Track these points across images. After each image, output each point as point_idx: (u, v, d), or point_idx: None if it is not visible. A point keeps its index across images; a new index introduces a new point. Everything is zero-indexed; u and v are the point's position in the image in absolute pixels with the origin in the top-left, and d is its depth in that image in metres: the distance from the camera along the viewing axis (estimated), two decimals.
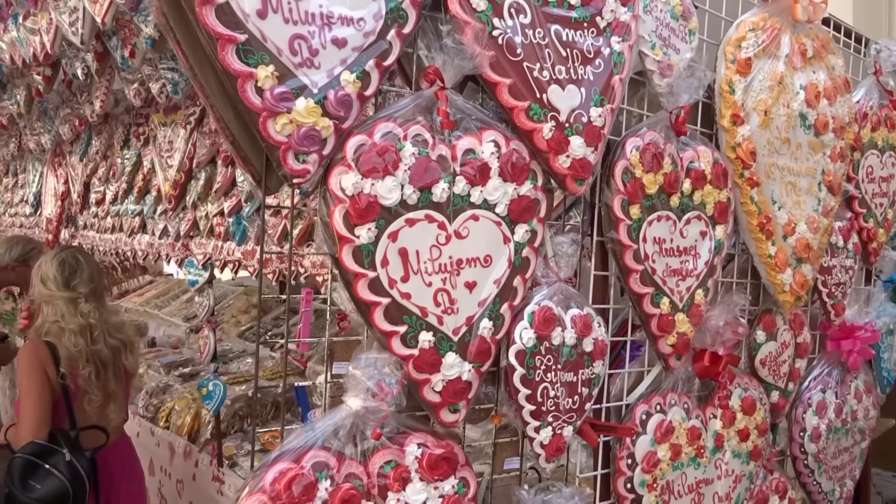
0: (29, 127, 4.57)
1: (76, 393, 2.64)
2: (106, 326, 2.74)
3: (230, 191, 3.15)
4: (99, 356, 2.67)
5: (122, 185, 4.06)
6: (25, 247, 4.06)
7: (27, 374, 2.55)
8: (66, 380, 2.59)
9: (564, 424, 1.79)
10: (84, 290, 2.69)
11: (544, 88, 1.70)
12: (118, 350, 2.78)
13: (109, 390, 2.71)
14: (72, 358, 2.60)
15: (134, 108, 3.89)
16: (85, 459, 2.51)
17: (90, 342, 2.64)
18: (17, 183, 6.24)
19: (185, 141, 3.41)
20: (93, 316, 2.67)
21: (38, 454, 2.44)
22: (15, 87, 3.60)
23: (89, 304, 2.68)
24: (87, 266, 2.77)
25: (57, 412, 2.59)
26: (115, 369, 2.75)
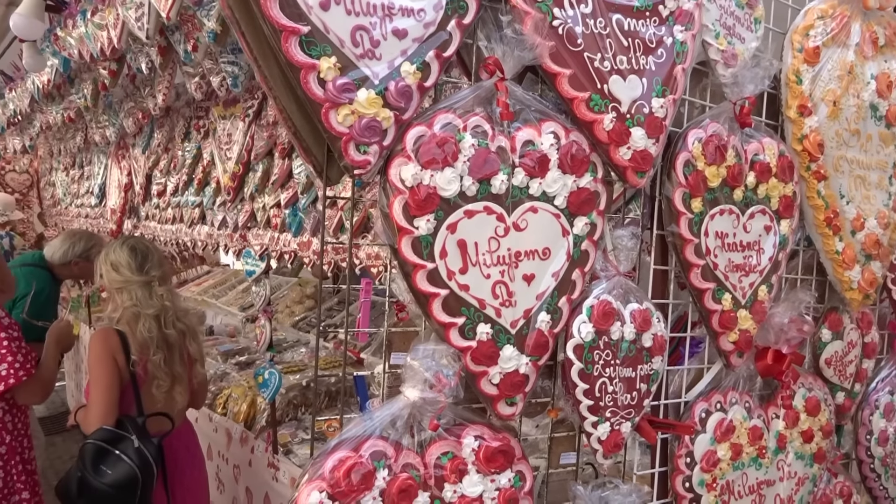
0: (95, 120, 4.72)
1: (144, 379, 2.68)
2: (175, 310, 2.79)
3: (287, 183, 3.20)
4: (167, 341, 2.71)
5: (183, 177, 4.16)
6: (87, 242, 4.20)
7: (98, 362, 2.60)
8: (136, 367, 2.64)
9: (622, 420, 1.76)
10: (157, 274, 2.74)
11: (605, 79, 1.67)
12: (183, 335, 2.82)
13: (175, 374, 2.75)
14: (143, 344, 2.65)
15: (195, 101, 3.98)
16: (152, 446, 2.55)
17: (163, 325, 2.69)
18: (83, 175, 6.45)
19: (243, 133, 3.47)
20: (167, 298, 2.73)
21: (108, 440, 2.49)
22: (82, 81, 3.71)
23: (162, 288, 2.74)
24: (155, 251, 2.82)
25: (124, 399, 2.64)
26: (181, 353, 2.80)
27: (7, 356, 2.67)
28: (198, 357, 3.01)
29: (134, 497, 2.47)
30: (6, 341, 2.66)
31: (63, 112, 4.23)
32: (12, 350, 2.67)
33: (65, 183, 7.23)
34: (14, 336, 2.72)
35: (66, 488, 2.45)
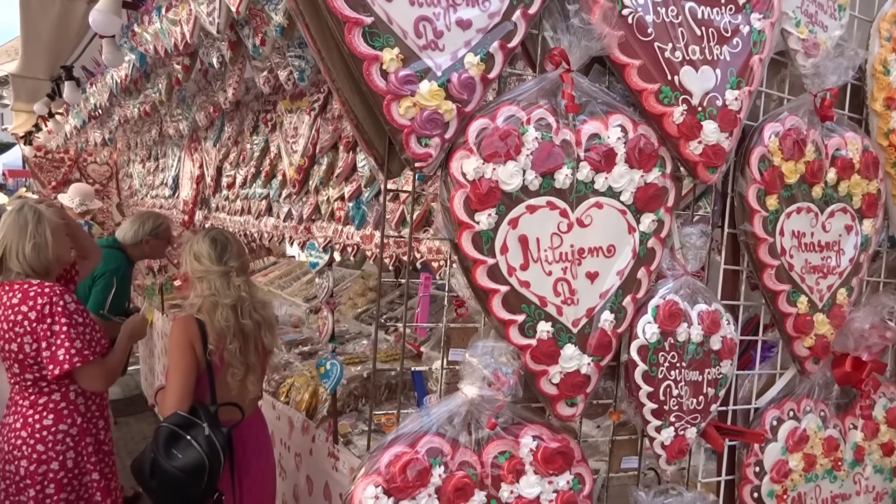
0: (169, 114, 4.87)
1: (220, 368, 2.73)
2: (252, 301, 2.83)
3: (351, 176, 3.22)
4: (244, 331, 2.75)
5: (251, 170, 4.25)
6: (155, 221, 4.39)
7: (177, 348, 2.67)
8: (212, 356, 2.69)
9: (688, 425, 1.69)
10: (235, 265, 2.78)
11: (676, 70, 1.60)
12: (259, 325, 2.86)
13: (250, 363, 2.79)
14: (221, 332, 2.69)
15: (263, 95, 4.05)
16: (222, 435, 2.59)
17: (239, 315, 2.74)
18: (158, 167, 6.68)
19: (309, 127, 3.51)
20: (244, 289, 2.77)
21: (181, 425, 2.55)
22: (157, 76, 3.83)
23: (240, 278, 2.78)
24: (234, 243, 2.87)
25: (199, 385, 2.69)
26: (256, 344, 2.84)
27: (65, 342, 2.75)
28: (271, 348, 3.06)
29: (201, 483, 2.52)
30: (66, 327, 2.75)
31: (139, 106, 4.37)
32: (70, 336, 2.76)
33: (141, 174, 7.50)
34: (77, 322, 2.80)
35: (141, 468, 2.54)
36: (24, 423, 2.85)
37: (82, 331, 2.82)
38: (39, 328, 2.74)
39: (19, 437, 2.83)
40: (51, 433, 2.85)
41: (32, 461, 2.81)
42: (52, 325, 2.74)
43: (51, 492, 2.83)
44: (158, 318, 6.16)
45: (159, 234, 4.44)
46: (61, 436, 2.87)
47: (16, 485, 2.85)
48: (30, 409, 2.87)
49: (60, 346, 2.74)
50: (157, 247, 4.55)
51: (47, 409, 2.87)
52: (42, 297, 2.76)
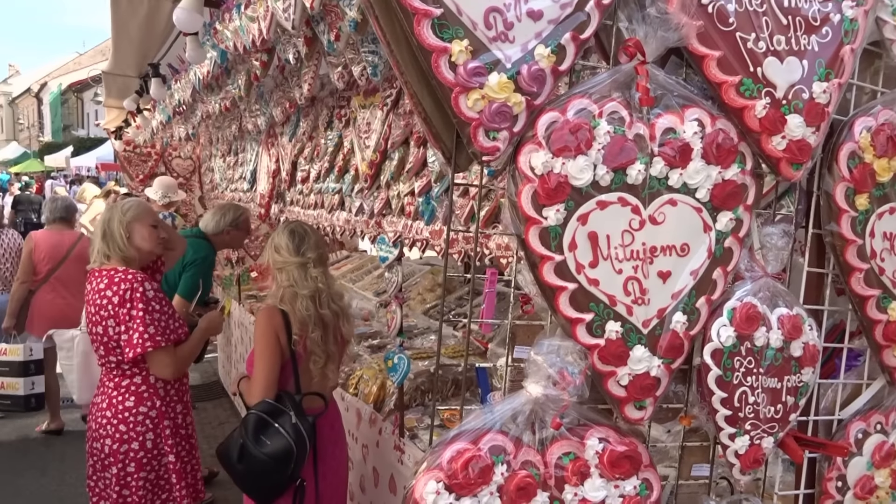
0: (248, 110, 5.00)
1: (303, 357, 2.79)
2: (329, 292, 2.89)
3: (421, 171, 3.22)
4: (323, 320, 2.81)
5: (325, 165, 4.31)
6: (236, 212, 4.58)
7: (263, 337, 2.73)
8: (296, 346, 2.75)
9: (764, 434, 1.61)
10: (312, 256, 2.84)
11: (759, 61, 1.52)
12: (337, 315, 2.92)
13: (330, 352, 2.85)
14: (303, 322, 2.75)
15: (337, 91, 4.10)
16: (307, 423, 2.66)
17: (318, 306, 2.79)
18: (237, 161, 6.88)
19: (381, 122, 3.53)
20: (320, 280, 2.83)
21: (269, 413, 2.62)
22: (237, 72, 3.93)
23: (317, 269, 2.84)
24: (312, 235, 2.93)
25: (283, 374, 2.75)
26: (335, 333, 2.90)
27: (140, 326, 2.86)
28: (349, 338, 3.13)
29: (287, 469, 2.59)
30: (142, 312, 2.86)
31: (220, 102, 4.50)
32: (145, 321, 2.87)
33: (221, 168, 7.75)
34: (153, 309, 2.91)
35: (227, 452, 2.61)
36: (108, 404, 2.98)
37: (158, 318, 2.93)
38: (120, 312, 2.86)
39: (104, 416, 2.97)
40: (132, 414, 2.97)
41: (115, 440, 2.94)
42: (131, 309, 2.86)
43: (131, 470, 2.96)
44: (235, 308, 6.35)
45: (239, 225, 4.63)
46: (141, 417, 2.98)
47: (101, 462, 3.00)
48: (114, 390, 3.00)
49: (136, 329, 2.86)
50: (236, 237, 4.73)
51: (129, 391, 2.99)
52: (125, 282, 2.89)
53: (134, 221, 3.00)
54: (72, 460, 5.18)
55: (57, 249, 5.78)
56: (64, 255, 5.78)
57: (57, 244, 5.80)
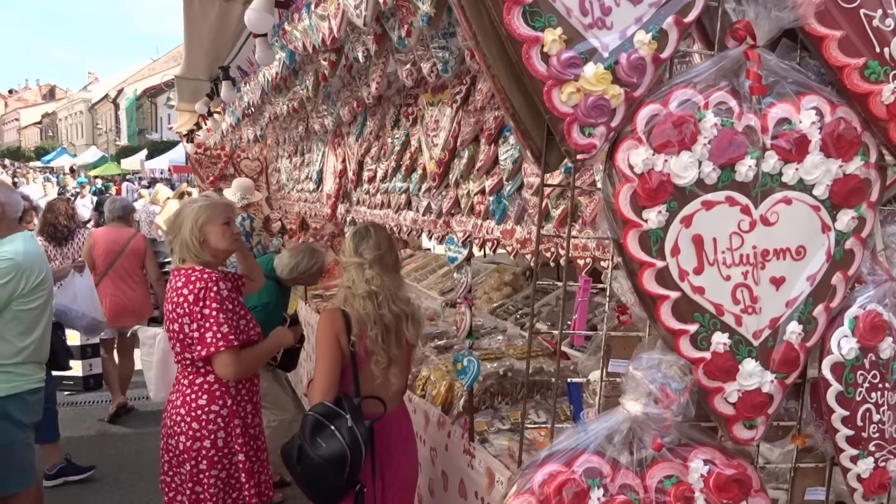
0: (315, 110, 4.98)
1: (363, 359, 2.74)
2: (389, 293, 2.81)
3: (492, 169, 3.11)
4: (383, 320, 2.75)
5: (392, 164, 4.25)
6: (310, 260, 4.51)
7: (323, 340, 2.71)
8: (356, 347, 2.70)
9: (890, 456, 1.44)
10: (368, 257, 2.79)
11: (887, 40, 1.36)
12: (400, 318, 2.85)
13: (392, 354, 2.79)
14: (361, 321, 2.71)
15: (404, 89, 4.03)
16: (364, 427, 2.61)
17: (376, 306, 2.74)
18: (303, 162, 6.90)
19: (450, 120, 3.44)
20: (374, 282, 2.76)
21: (326, 415, 2.59)
22: (305, 73, 3.90)
23: (373, 270, 2.78)
24: (374, 235, 2.87)
25: (344, 378, 2.72)
26: (398, 335, 2.83)
27: (213, 325, 2.85)
28: (414, 342, 3.00)
29: (343, 473, 2.54)
30: (216, 311, 2.85)
31: (287, 103, 4.49)
32: (219, 321, 2.85)
33: (288, 169, 7.80)
34: (227, 308, 2.90)
35: (290, 453, 2.61)
36: (183, 401, 2.99)
37: (231, 317, 2.91)
38: (194, 310, 2.86)
39: (178, 413, 2.98)
40: (204, 412, 2.97)
41: (189, 437, 2.95)
42: (204, 308, 2.85)
43: (203, 467, 2.96)
44: (302, 308, 6.37)
45: (313, 273, 4.64)
46: (213, 415, 2.98)
47: (176, 458, 3.01)
48: (188, 387, 3.01)
49: (209, 328, 2.85)
50: (310, 280, 4.81)
51: (202, 389, 2.99)
52: (200, 281, 2.89)
53: (206, 224, 2.99)
54: None
55: (113, 245, 6.24)
56: (119, 251, 6.24)
57: (114, 240, 6.26)
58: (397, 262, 3.04)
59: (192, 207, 3.08)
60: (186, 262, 2.98)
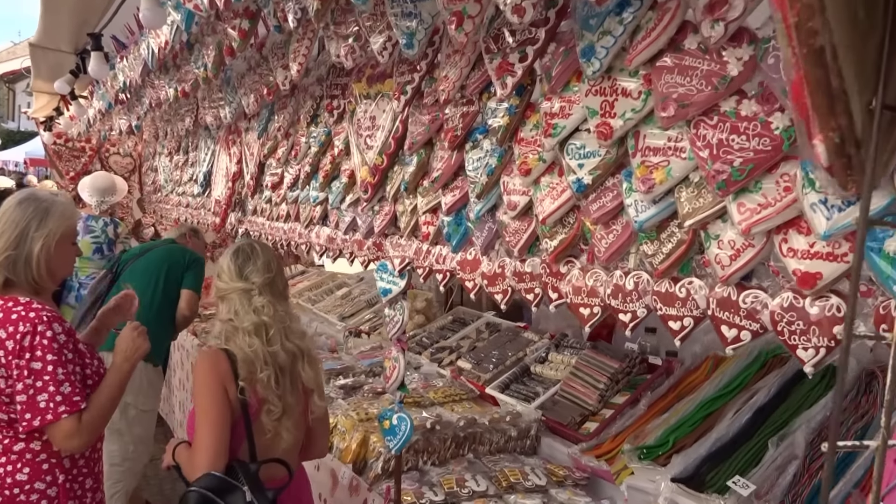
0: (209, 98, 4.07)
1: (256, 409, 2.21)
2: (282, 326, 2.29)
3: (452, 182, 2.39)
4: (276, 359, 2.23)
5: (305, 168, 3.42)
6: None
7: (205, 390, 2.16)
8: (246, 394, 2.18)
9: None
10: (257, 281, 2.26)
11: None
12: (296, 357, 2.31)
13: (287, 402, 2.27)
14: (249, 361, 2.20)
15: (328, 77, 3.23)
16: (266, 500, 2.12)
17: (265, 342, 2.23)
18: (187, 161, 5.86)
19: (392, 117, 2.69)
20: (265, 312, 2.24)
21: (216, 489, 2.06)
22: (203, 46, 3.02)
23: (263, 298, 2.26)
24: (262, 254, 2.34)
25: (234, 435, 2.19)
26: (293, 379, 2.31)
27: (49, 385, 2.06)
28: (314, 387, 2.40)
29: None
30: (52, 365, 2.06)
31: (177, 86, 3.56)
32: (57, 379, 2.07)
33: (167, 169, 6.68)
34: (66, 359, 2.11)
35: None
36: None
37: (73, 369, 2.07)
38: (16, 363, 2.00)
39: None
40: (24, 492, 2.13)
41: None
42: (33, 360, 2.02)
43: None
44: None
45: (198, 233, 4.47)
46: (36, 497, 2.15)
47: None
48: (2, 456, 2.15)
49: (42, 389, 2.01)
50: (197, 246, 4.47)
51: (23, 459, 2.15)
52: (26, 322, 2.04)
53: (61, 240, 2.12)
54: None
55: None
56: None
57: None
58: (286, 288, 2.51)
59: (37, 208, 2.16)
60: (10, 289, 2.05)
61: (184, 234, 4.39)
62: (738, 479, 2.65)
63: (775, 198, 1.39)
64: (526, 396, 3.75)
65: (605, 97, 1.70)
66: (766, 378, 3.09)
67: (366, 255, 3.04)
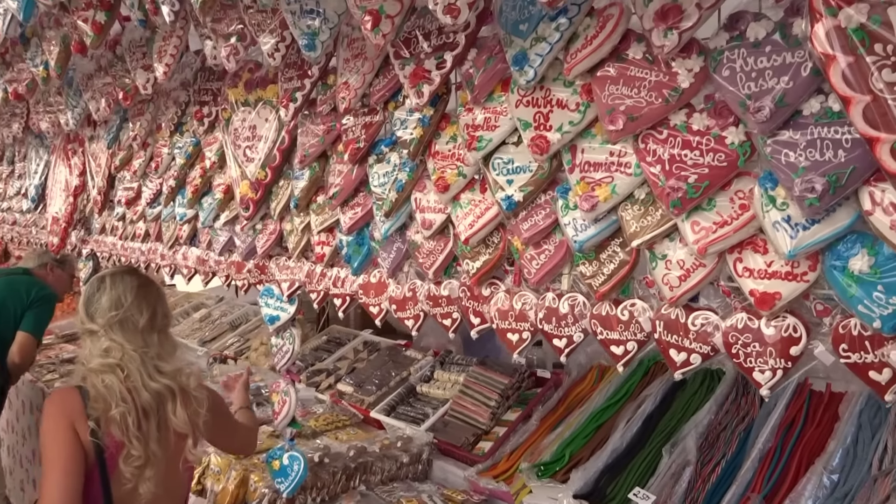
0: (44, 102, 3.51)
1: (114, 456, 1.97)
2: (142, 366, 2.03)
3: (352, 199, 2.16)
4: (138, 399, 1.99)
5: (169, 182, 3.01)
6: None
7: (51, 435, 1.95)
8: (100, 435, 1.95)
9: None
10: (101, 322, 2.06)
11: None
12: (162, 398, 2.04)
13: (149, 451, 2.00)
14: (101, 397, 1.98)
15: (196, 80, 2.87)
16: None
17: (122, 380, 1.99)
18: (13, 172, 5.08)
19: (277, 127, 2.41)
20: (114, 354, 2.02)
21: None
22: (45, 41, 2.56)
23: (110, 338, 2.04)
24: (111, 289, 2.12)
25: (89, 484, 1.95)
26: (160, 424, 2.04)
27: None
28: (188, 431, 2.11)
29: None
30: None
31: (7, 86, 3.02)
32: None
33: None
34: None
35: None
36: None
37: None
38: None
39: None
40: None
41: None
42: None
43: None
44: None
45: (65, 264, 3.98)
46: None
47: None
48: None
49: None
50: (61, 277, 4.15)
51: None
52: None
53: None
54: None
55: None
56: None
57: None
58: (164, 317, 2.26)
59: None
60: None
61: (45, 264, 3.96)
62: (638, 490, 2.64)
63: (731, 216, 1.32)
64: (414, 419, 3.57)
65: (538, 108, 1.57)
66: (652, 385, 3.13)
67: (246, 279, 2.72)
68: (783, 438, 2.57)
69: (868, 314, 1.17)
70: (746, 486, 2.49)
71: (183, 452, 2.15)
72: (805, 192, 1.16)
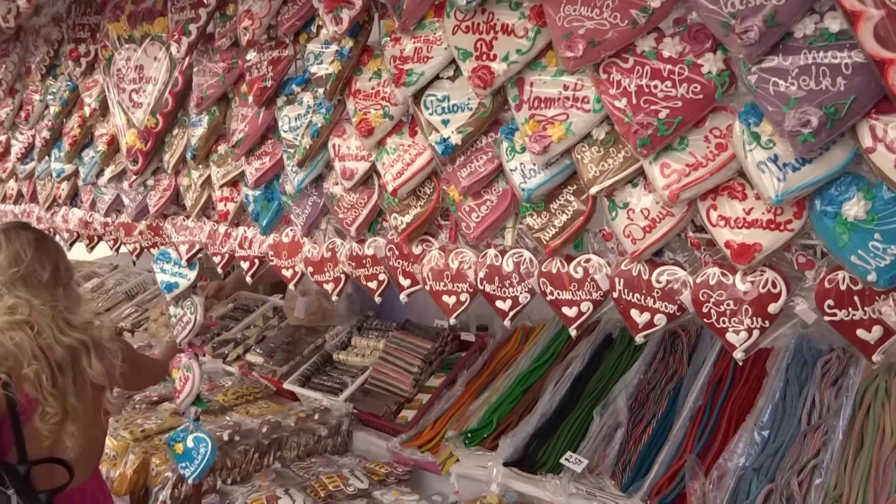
0: None
1: (28, 410, 1.99)
2: (52, 321, 2.02)
3: (259, 147, 1.85)
4: (50, 355, 1.99)
5: (43, 134, 2.56)
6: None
7: None
8: (13, 391, 1.94)
9: None
10: (2, 278, 2.05)
11: None
12: (77, 352, 2.05)
13: (68, 405, 2.02)
14: (11, 355, 1.96)
15: (70, 15, 2.43)
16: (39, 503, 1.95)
17: (32, 337, 1.99)
18: None
19: (169, 66, 2.05)
20: (20, 311, 2.01)
21: None
22: None
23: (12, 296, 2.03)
24: (6, 245, 2.08)
25: (1, 437, 1.97)
26: (76, 378, 2.05)
27: None
28: (105, 382, 2.13)
29: None
30: None
31: None
32: None
33: None
34: None
35: None
36: None
37: None
38: None
39: None
40: None
41: None
42: None
43: None
44: None
45: None
46: None
47: None
48: None
49: None
50: None
51: None
52: None
53: None
54: None
55: None
56: None
57: None
58: (66, 270, 2.20)
59: None
60: None
61: None
62: (570, 455, 2.51)
63: (706, 156, 1.13)
64: (332, 388, 3.32)
65: (479, 35, 1.32)
66: (579, 346, 3.01)
67: (137, 242, 2.36)
68: (712, 396, 2.50)
69: (861, 266, 1.02)
70: (678, 446, 2.41)
71: (102, 403, 2.15)
72: (798, 126, 0.98)
